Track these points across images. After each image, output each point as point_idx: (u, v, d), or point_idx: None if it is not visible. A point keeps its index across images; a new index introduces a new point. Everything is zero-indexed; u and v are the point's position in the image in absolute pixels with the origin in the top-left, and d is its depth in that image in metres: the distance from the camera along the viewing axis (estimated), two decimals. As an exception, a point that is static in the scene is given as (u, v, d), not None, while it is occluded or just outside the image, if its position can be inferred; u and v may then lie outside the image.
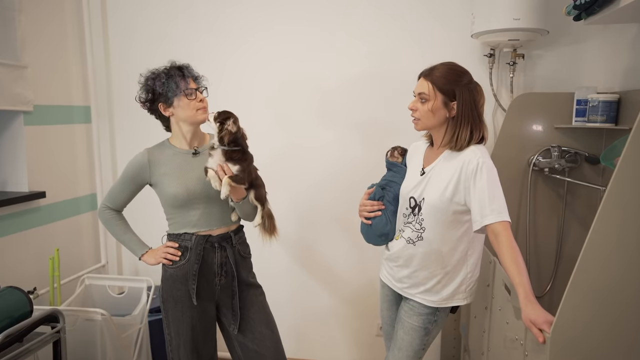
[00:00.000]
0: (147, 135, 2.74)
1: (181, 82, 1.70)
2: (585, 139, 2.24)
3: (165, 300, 1.80)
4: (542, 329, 1.22)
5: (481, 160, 1.54)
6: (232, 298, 1.81)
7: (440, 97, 1.59)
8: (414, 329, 1.74)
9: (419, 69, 2.42)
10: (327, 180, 2.63)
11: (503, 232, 1.46)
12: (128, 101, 2.73)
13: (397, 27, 2.47)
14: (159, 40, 2.69)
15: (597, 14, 1.80)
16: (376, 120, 2.56)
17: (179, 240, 1.78)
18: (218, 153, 1.67)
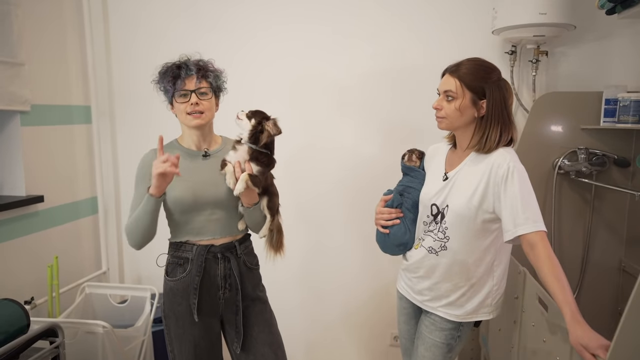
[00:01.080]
0: (150, 135, 2.65)
1: (173, 82, 1.57)
2: (614, 141, 2.12)
3: (166, 315, 1.67)
4: (596, 354, 1.10)
5: (512, 164, 1.42)
6: (236, 314, 1.66)
7: (468, 95, 1.47)
8: (435, 346, 1.62)
9: (436, 66, 2.30)
10: (339, 182, 2.51)
11: (540, 244, 1.34)
12: (130, 100, 2.65)
13: (412, 23, 2.35)
14: (162, 36, 2.57)
15: (635, 6, 1.68)
16: (392, 120, 2.44)
17: (180, 252, 1.64)
18: (243, 150, 1.57)
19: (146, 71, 2.58)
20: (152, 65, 2.60)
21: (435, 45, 2.34)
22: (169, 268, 1.67)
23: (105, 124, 2.67)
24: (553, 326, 1.41)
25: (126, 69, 2.64)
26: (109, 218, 2.73)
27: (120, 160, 2.72)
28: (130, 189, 2.66)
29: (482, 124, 1.49)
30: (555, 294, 1.27)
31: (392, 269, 2.53)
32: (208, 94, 1.61)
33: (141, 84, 2.59)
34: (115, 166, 2.72)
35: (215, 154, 1.68)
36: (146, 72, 2.58)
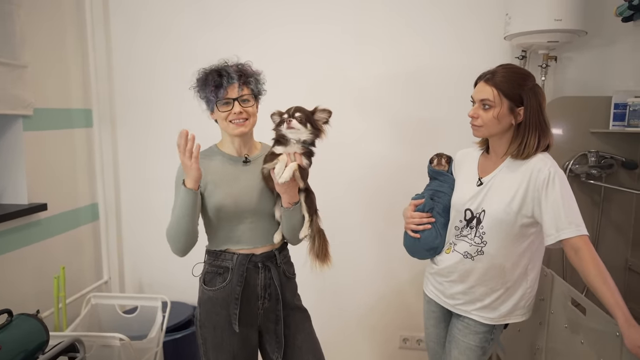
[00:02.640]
0: (151, 139, 2.59)
1: (215, 91, 1.52)
2: (622, 144, 2.19)
3: (202, 325, 1.62)
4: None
5: (552, 169, 1.44)
6: (276, 323, 1.63)
7: (506, 104, 1.48)
8: (470, 349, 1.63)
9: (448, 69, 2.36)
10: (354, 181, 2.50)
11: (584, 248, 1.36)
12: (131, 103, 2.57)
13: (424, 28, 2.37)
14: (164, 37, 2.51)
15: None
16: (405, 121, 2.44)
17: (219, 261, 1.60)
18: (296, 147, 1.54)
19: (148, 74, 2.55)
20: (153, 68, 2.57)
21: (447, 49, 2.36)
22: (206, 277, 1.62)
23: (106, 128, 2.58)
24: (593, 328, 1.44)
25: (128, 71, 2.56)
26: (110, 225, 2.64)
27: (121, 165, 2.63)
28: (132, 194, 2.64)
29: (520, 131, 1.50)
30: (605, 298, 1.29)
31: (402, 271, 2.55)
32: (250, 100, 1.57)
33: (143, 87, 2.56)
34: (116, 171, 2.63)
35: (255, 160, 1.64)
36: (148, 75, 2.55)
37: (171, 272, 2.65)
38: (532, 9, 2.05)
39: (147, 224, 2.66)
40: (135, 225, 2.67)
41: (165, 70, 2.53)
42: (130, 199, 2.66)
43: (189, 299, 2.60)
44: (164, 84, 2.54)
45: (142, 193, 2.63)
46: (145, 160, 2.61)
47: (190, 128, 2.44)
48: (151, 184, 2.61)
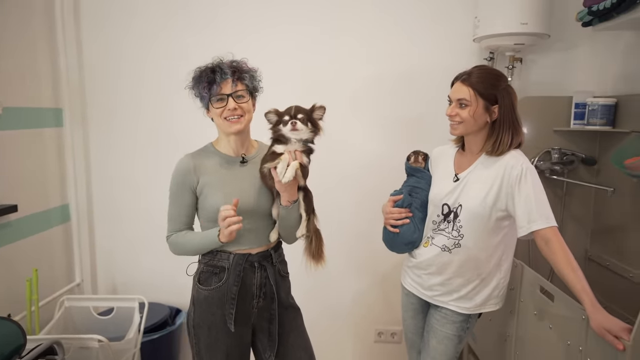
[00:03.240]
0: (126, 140, 2.55)
1: (208, 87, 1.50)
2: (582, 142, 2.32)
3: (196, 325, 1.60)
4: (620, 336, 1.22)
5: (525, 165, 1.53)
6: (270, 322, 1.64)
7: (481, 102, 1.56)
8: (448, 338, 1.70)
9: (418, 72, 2.44)
10: (332, 181, 2.54)
11: (554, 238, 1.45)
12: (105, 103, 2.53)
13: (397, 29, 2.44)
14: (139, 36, 2.48)
15: (611, 20, 1.86)
16: (376, 122, 2.51)
17: (215, 260, 1.59)
18: (297, 145, 1.54)
19: (122, 73, 2.51)
20: (128, 67, 2.53)
21: (418, 52, 2.44)
22: (202, 277, 1.61)
23: (78, 127, 2.52)
24: (560, 314, 1.54)
25: (101, 71, 2.51)
26: (82, 226, 2.58)
27: (93, 166, 2.58)
28: (105, 195, 2.59)
29: (494, 128, 1.59)
30: (573, 284, 1.39)
31: (377, 267, 2.61)
32: (245, 96, 1.56)
33: (117, 86, 2.52)
34: (88, 172, 2.58)
35: (253, 159, 1.63)
36: (122, 74, 2.51)
37: (146, 272, 2.63)
38: (500, 12, 2.15)
39: (120, 225, 2.62)
40: (109, 226, 2.62)
41: (140, 69, 2.50)
42: (103, 199, 2.61)
43: (164, 299, 2.58)
44: (139, 83, 2.51)
45: (115, 194, 2.59)
46: (118, 160, 2.57)
47: (166, 128, 2.49)
48: (125, 185, 2.58)
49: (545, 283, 1.65)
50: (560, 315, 1.54)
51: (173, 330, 2.37)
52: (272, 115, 1.58)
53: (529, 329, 1.76)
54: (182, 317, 2.48)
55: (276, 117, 1.57)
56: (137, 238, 2.62)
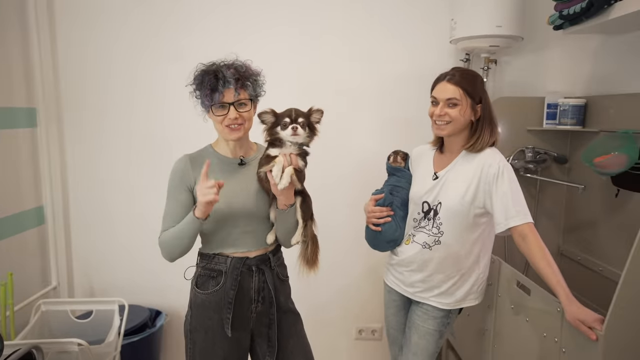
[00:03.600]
0: (103, 140, 2.51)
1: (210, 95, 1.46)
2: (554, 140, 2.40)
3: (193, 329, 1.57)
4: (593, 327, 1.28)
5: (502, 164, 1.58)
6: (269, 327, 1.61)
7: (469, 101, 1.60)
8: (429, 333, 1.74)
9: (397, 74, 2.48)
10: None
11: (530, 234, 1.51)
12: (81, 103, 2.49)
13: (376, 31, 2.48)
14: (116, 32, 2.44)
15: (581, 24, 1.93)
16: (351, 122, 2.54)
17: (212, 264, 1.56)
18: (292, 148, 1.52)
19: (99, 72, 2.47)
20: (105, 65, 2.49)
21: (395, 54, 2.48)
22: (199, 280, 1.59)
23: (52, 127, 2.46)
24: (536, 307, 1.59)
25: (76, 69, 2.46)
26: (58, 228, 2.53)
27: (69, 167, 2.53)
28: (81, 196, 2.54)
29: (476, 126, 1.63)
30: (548, 278, 1.44)
31: (357, 265, 2.64)
32: (247, 104, 1.52)
33: (93, 85, 2.48)
34: (64, 173, 2.53)
35: (251, 161, 1.61)
36: (99, 73, 2.47)
37: (124, 274, 2.60)
38: (476, 15, 2.20)
39: (97, 227, 2.58)
40: (85, 229, 2.58)
41: (118, 68, 2.47)
42: (80, 201, 2.56)
43: (143, 301, 2.56)
44: (116, 82, 2.48)
45: (93, 195, 2.55)
46: (95, 161, 2.53)
47: (144, 128, 2.47)
48: (102, 186, 2.54)
49: (522, 278, 1.71)
50: (537, 308, 1.60)
51: (153, 333, 2.35)
52: (269, 116, 1.54)
53: (506, 322, 1.81)
54: (162, 319, 2.46)
55: (273, 119, 1.53)
56: (114, 240, 2.58)
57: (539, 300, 1.59)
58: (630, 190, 1.95)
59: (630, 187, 1.95)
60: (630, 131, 1.89)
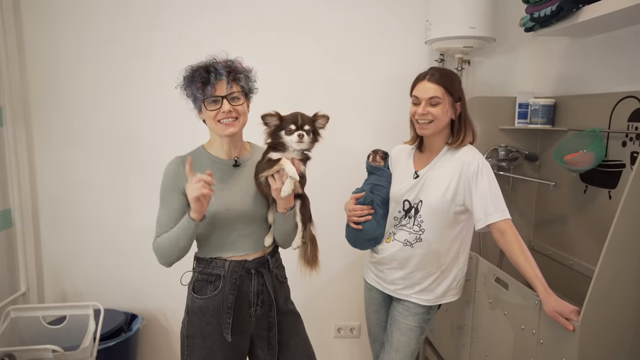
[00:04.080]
0: (73, 141, 2.44)
1: (202, 89, 1.42)
2: (524, 139, 2.48)
3: (190, 335, 1.53)
4: (570, 318, 1.33)
5: (480, 162, 1.62)
6: (269, 330, 1.58)
7: (449, 99, 1.64)
8: (410, 329, 1.77)
9: (371, 73, 2.51)
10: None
11: (509, 230, 1.55)
12: (52, 101, 2.42)
13: (351, 33, 2.50)
14: (86, 27, 2.38)
15: (551, 26, 2.00)
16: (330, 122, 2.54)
17: (210, 268, 1.52)
18: (295, 152, 1.48)
19: (69, 70, 2.40)
20: (76, 63, 2.42)
21: (371, 55, 2.51)
22: (196, 285, 1.54)
23: (20, 127, 2.38)
24: (514, 301, 1.64)
25: (45, 67, 2.38)
26: (27, 232, 2.44)
27: (38, 168, 2.44)
28: (52, 198, 2.46)
29: (457, 124, 1.67)
30: (527, 272, 1.49)
31: (335, 264, 2.65)
32: (240, 98, 1.48)
33: (63, 84, 2.40)
34: (33, 174, 2.44)
35: (246, 162, 1.58)
36: (69, 71, 2.40)
37: (97, 278, 2.54)
38: (450, 17, 2.25)
39: (69, 229, 2.50)
40: (56, 231, 2.50)
41: (89, 65, 2.40)
42: (50, 202, 2.48)
43: (118, 304, 2.50)
44: (88, 80, 2.41)
45: (63, 196, 2.47)
46: (66, 161, 2.45)
47: (116, 127, 2.41)
48: (73, 186, 2.47)
49: (499, 273, 1.76)
50: (514, 302, 1.65)
51: (129, 337, 2.30)
52: (274, 119, 1.49)
53: (484, 317, 1.86)
54: (138, 323, 2.41)
55: (278, 122, 1.49)
56: (86, 242, 2.52)
57: (516, 294, 1.64)
58: (598, 186, 2.04)
59: (598, 183, 2.04)
60: (598, 130, 1.98)
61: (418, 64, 2.51)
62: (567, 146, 2.10)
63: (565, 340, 1.35)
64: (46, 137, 2.43)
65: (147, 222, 2.44)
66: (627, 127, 1.88)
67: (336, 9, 2.47)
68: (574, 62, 2.30)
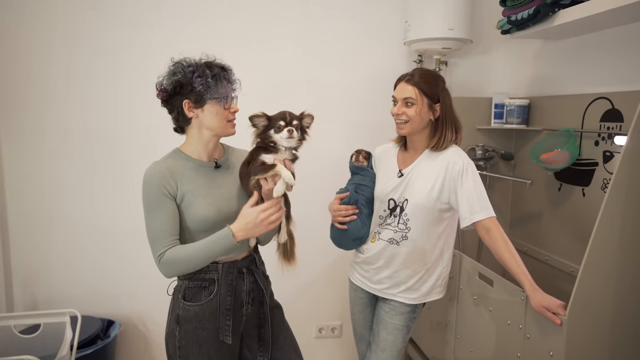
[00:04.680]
0: (44, 146, 2.35)
1: (225, 86, 1.45)
2: (500, 139, 2.54)
3: (185, 345, 1.47)
4: (557, 312, 1.37)
5: (465, 161, 1.65)
6: (261, 327, 1.59)
7: (426, 101, 1.66)
8: (397, 329, 1.78)
9: (351, 73, 2.53)
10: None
11: (494, 227, 1.59)
12: (16, 99, 2.32)
13: (331, 34, 2.50)
14: (53, 24, 2.30)
15: (527, 29, 2.05)
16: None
17: (202, 273, 1.48)
18: (286, 154, 1.49)
19: (36, 69, 2.30)
20: (42, 62, 2.32)
21: (353, 53, 2.52)
22: (188, 293, 1.49)
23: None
24: (500, 297, 1.68)
25: (9, 65, 2.29)
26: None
27: (5, 168, 2.34)
28: (21, 202, 2.36)
29: (438, 126, 1.69)
30: (513, 268, 1.53)
31: (315, 265, 2.65)
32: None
33: (30, 83, 2.31)
34: (0, 177, 2.33)
35: (224, 163, 1.57)
36: (36, 70, 2.30)
37: (70, 284, 2.45)
38: (430, 18, 2.29)
39: (38, 235, 2.41)
40: (24, 236, 2.40)
41: (54, 64, 2.32)
42: (17, 205, 2.38)
43: (94, 311, 2.42)
44: (54, 79, 2.33)
45: (32, 198, 2.38)
46: (33, 161, 2.37)
47: (81, 127, 2.34)
48: (42, 188, 2.38)
49: (483, 269, 1.80)
50: (500, 298, 1.69)
51: (107, 344, 2.23)
52: (262, 119, 1.48)
53: (469, 313, 1.90)
54: (116, 329, 2.34)
55: (266, 122, 1.48)
56: (57, 248, 2.43)
57: (502, 290, 1.67)
58: (572, 184, 2.11)
59: (571, 181, 2.11)
60: (572, 129, 2.05)
61: (397, 65, 2.54)
62: (542, 145, 2.17)
63: (552, 334, 1.39)
64: (12, 136, 2.33)
65: (120, 225, 2.40)
66: (599, 127, 1.95)
67: (315, 10, 2.47)
68: (547, 64, 2.37)
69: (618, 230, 1.37)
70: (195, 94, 1.42)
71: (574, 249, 2.07)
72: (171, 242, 1.41)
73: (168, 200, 1.42)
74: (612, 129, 1.90)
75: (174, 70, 1.44)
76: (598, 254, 1.35)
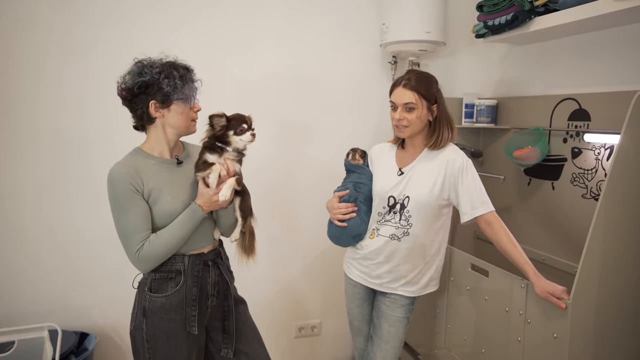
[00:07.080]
0: (17, 145, 2.16)
1: (190, 87, 1.51)
2: (469, 137, 2.68)
3: (152, 337, 1.50)
4: (562, 297, 1.47)
5: (464, 159, 1.73)
6: (225, 320, 1.64)
7: (425, 104, 1.72)
8: (399, 321, 1.84)
9: (328, 74, 2.55)
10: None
11: (495, 221, 1.68)
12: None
13: (306, 34, 2.52)
14: (22, 22, 2.14)
15: (502, 34, 2.19)
16: (286, 123, 2.54)
17: (168, 265, 1.52)
18: (230, 154, 1.57)
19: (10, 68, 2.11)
20: (16, 62, 2.13)
21: (329, 55, 2.55)
22: (154, 285, 1.53)
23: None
24: (496, 286, 1.78)
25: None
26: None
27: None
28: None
29: (435, 126, 1.76)
30: (516, 258, 1.63)
31: (291, 266, 2.66)
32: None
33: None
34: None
35: (186, 159, 1.63)
36: (10, 69, 2.11)
37: (43, 298, 2.28)
38: (407, 21, 2.36)
39: (6, 247, 2.21)
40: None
41: (10, 60, 2.16)
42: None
43: (65, 324, 2.25)
44: (18, 77, 2.17)
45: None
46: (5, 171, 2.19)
47: (49, 127, 2.19)
48: (5, 193, 2.19)
49: (476, 261, 1.89)
50: (496, 287, 1.79)
51: (85, 358, 2.10)
52: (222, 119, 1.55)
53: (461, 303, 1.99)
54: (92, 342, 2.20)
55: (225, 123, 1.56)
56: (21, 257, 2.24)
57: (499, 280, 1.77)
58: (541, 178, 2.27)
59: (540, 176, 2.27)
60: (541, 128, 2.21)
61: (371, 67, 2.60)
62: (513, 143, 2.31)
63: (556, 317, 1.50)
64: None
65: (89, 232, 2.26)
66: (567, 125, 2.12)
67: (295, 11, 2.47)
68: (511, 67, 2.53)
69: (620, 215, 1.49)
70: (163, 95, 1.46)
71: (544, 239, 2.23)
72: (147, 235, 1.46)
73: (138, 197, 1.46)
74: (580, 127, 2.07)
75: (139, 71, 1.46)
76: (600, 239, 1.46)
